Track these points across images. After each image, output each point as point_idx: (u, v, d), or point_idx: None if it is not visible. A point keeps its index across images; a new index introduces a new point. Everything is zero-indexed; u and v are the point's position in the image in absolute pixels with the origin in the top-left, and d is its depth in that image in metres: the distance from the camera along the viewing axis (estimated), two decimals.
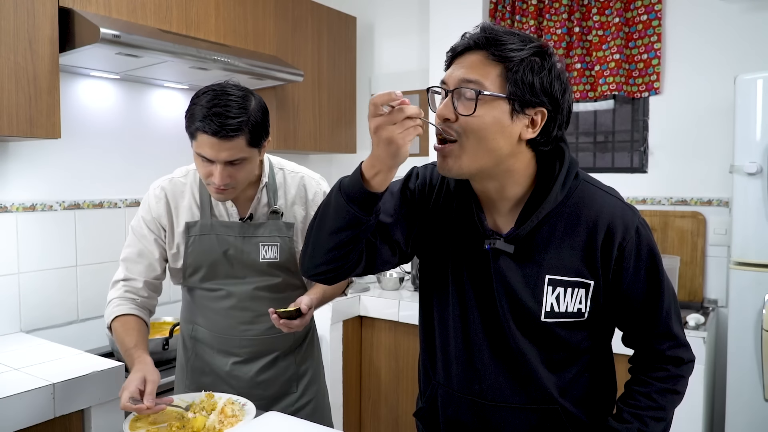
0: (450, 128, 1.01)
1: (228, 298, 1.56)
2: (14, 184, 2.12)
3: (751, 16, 2.52)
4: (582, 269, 1.04)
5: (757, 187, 2.07)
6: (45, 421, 1.57)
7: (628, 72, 2.77)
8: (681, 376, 1.12)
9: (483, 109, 0.98)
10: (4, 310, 2.09)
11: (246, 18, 2.58)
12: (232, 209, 1.55)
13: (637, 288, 1.07)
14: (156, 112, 2.58)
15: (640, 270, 1.06)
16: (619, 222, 1.04)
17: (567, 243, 1.05)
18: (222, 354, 1.59)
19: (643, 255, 1.06)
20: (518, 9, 2.98)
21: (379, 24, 3.50)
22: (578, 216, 1.05)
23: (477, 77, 0.99)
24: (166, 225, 1.56)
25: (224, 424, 1.29)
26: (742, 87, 2.09)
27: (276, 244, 1.56)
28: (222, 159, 1.37)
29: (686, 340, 1.13)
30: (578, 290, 1.04)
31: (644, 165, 2.80)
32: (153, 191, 1.58)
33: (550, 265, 1.05)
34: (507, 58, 0.98)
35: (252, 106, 1.39)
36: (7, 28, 1.77)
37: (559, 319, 1.05)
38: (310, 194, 1.62)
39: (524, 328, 1.07)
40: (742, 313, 2.10)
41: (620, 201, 1.09)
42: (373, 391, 2.94)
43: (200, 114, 1.35)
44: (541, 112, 1.02)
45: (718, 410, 2.52)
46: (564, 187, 1.05)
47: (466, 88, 0.99)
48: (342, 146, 3.27)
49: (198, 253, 1.54)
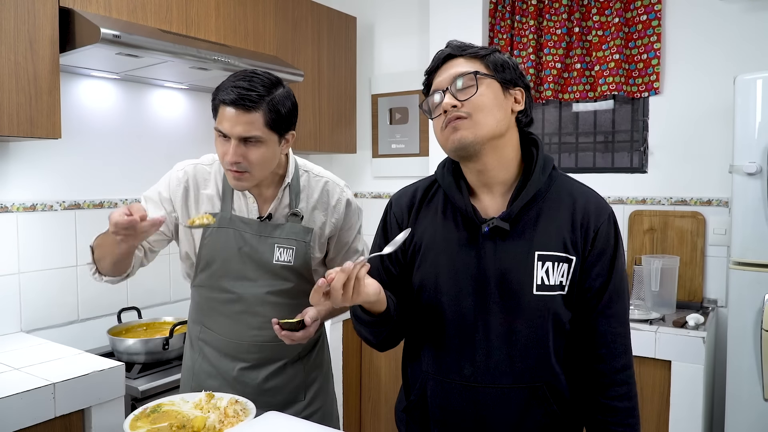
0: (459, 112, 1.14)
1: (238, 302, 1.53)
2: (14, 184, 2.13)
3: (751, 16, 2.52)
4: (567, 245, 1.16)
5: (756, 187, 2.07)
6: (45, 421, 1.57)
7: (628, 72, 2.77)
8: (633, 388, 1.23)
9: (482, 88, 1.15)
10: (5, 310, 2.10)
11: (246, 18, 2.58)
12: (253, 205, 1.52)
13: (599, 270, 1.18)
14: (156, 112, 2.58)
15: (606, 253, 1.18)
16: (596, 206, 1.19)
17: (552, 222, 1.17)
18: (229, 358, 1.56)
19: (609, 243, 1.19)
20: (518, 9, 2.98)
21: (379, 24, 3.50)
22: (560, 200, 1.19)
23: (468, 68, 1.16)
24: (179, 209, 1.53)
25: (224, 424, 1.29)
26: (742, 87, 2.09)
27: (292, 248, 1.52)
28: (237, 133, 1.35)
29: (630, 345, 1.22)
30: (562, 265, 1.16)
31: (644, 165, 2.81)
32: (175, 173, 1.55)
33: (539, 242, 1.16)
34: (481, 56, 1.18)
35: (278, 91, 1.40)
36: (7, 29, 1.77)
37: (549, 292, 1.15)
38: (333, 201, 1.57)
39: (516, 306, 1.16)
40: (741, 313, 2.10)
41: (593, 190, 1.24)
42: (373, 391, 2.94)
43: (224, 86, 1.37)
44: (520, 91, 1.20)
45: (718, 410, 2.52)
46: (544, 171, 1.19)
47: (464, 76, 1.15)
48: (342, 146, 3.27)
49: (213, 246, 1.51)
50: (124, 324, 2.26)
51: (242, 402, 1.38)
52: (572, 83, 2.91)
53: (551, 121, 3.07)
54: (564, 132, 3.05)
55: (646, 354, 2.23)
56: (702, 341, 2.14)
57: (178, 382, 2.01)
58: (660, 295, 2.47)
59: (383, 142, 3.50)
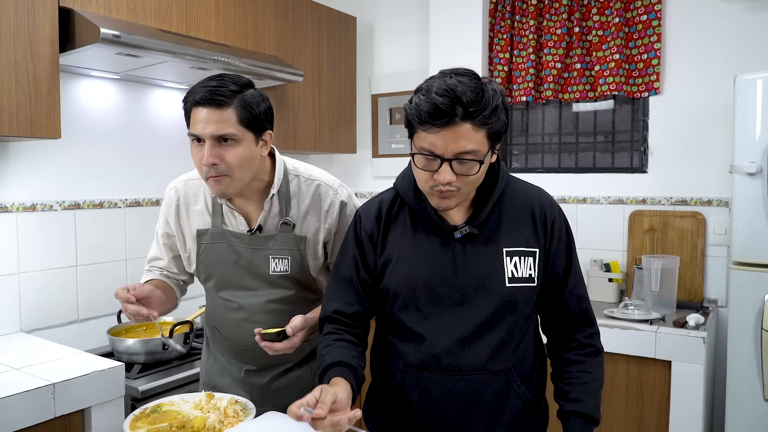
0: (454, 185, 1.17)
1: (240, 311, 1.52)
2: (14, 184, 2.13)
3: (751, 16, 2.52)
4: (529, 240, 1.28)
5: (756, 187, 2.07)
6: (45, 421, 1.57)
7: (628, 72, 2.77)
8: (599, 352, 1.35)
9: (484, 166, 1.19)
10: (4, 310, 2.10)
11: (246, 18, 2.58)
12: (241, 218, 1.48)
13: (560, 257, 1.31)
14: (156, 112, 2.58)
15: (562, 242, 1.31)
16: (547, 202, 1.33)
17: (514, 221, 1.29)
18: (237, 360, 1.58)
19: (564, 232, 1.32)
20: (518, 9, 2.98)
21: (379, 24, 3.50)
22: (516, 200, 1.31)
23: (473, 147, 1.14)
24: (176, 230, 1.55)
25: (224, 424, 1.29)
26: (742, 87, 2.09)
27: (287, 257, 1.47)
28: (210, 132, 1.31)
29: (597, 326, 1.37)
30: (528, 258, 1.27)
31: (644, 165, 2.81)
32: (167, 194, 1.57)
33: (505, 241, 1.27)
34: (488, 123, 1.15)
35: (249, 90, 1.36)
36: (7, 29, 1.77)
37: (519, 284, 1.26)
38: (325, 205, 1.50)
39: (490, 299, 1.25)
40: (741, 313, 2.10)
41: (539, 188, 1.36)
42: None
43: (193, 90, 1.35)
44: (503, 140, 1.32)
45: (718, 410, 2.52)
46: (503, 179, 1.30)
47: (464, 161, 1.15)
48: (342, 146, 3.27)
49: (209, 261, 1.52)
50: (124, 324, 2.26)
51: (242, 402, 1.38)
52: (572, 83, 2.91)
53: (551, 121, 3.07)
54: (564, 132, 3.05)
55: (646, 354, 2.23)
56: (702, 341, 2.14)
57: (178, 382, 2.03)
58: (660, 295, 2.47)
59: (383, 142, 3.50)
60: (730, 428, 2.15)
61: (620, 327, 2.27)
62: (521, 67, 2.99)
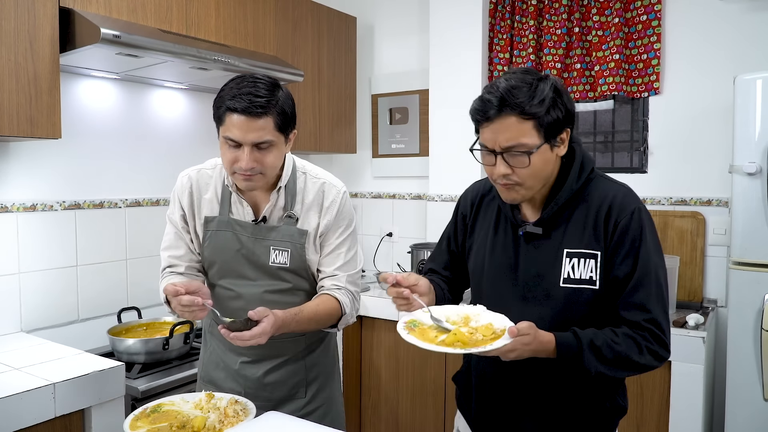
0: (510, 179, 1.24)
1: (238, 300, 1.57)
2: (14, 184, 2.13)
3: (751, 16, 2.52)
4: (591, 242, 1.27)
5: (756, 187, 2.07)
6: (45, 421, 1.57)
7: (627, 72, 2.77)
8: (651, 343, 1.23)
9: (535, 158, 1.22)
10: (5, 310, 2.10)
11: (246, 18, 2.58)
12: (247, 209, 1.54)
13: (621, 258, 1.25)
14: (156, 112, 2.58)
15: (625, 244, 1.25)
16: (619, 203, 1.28)
17: (580, 223, 1.29)
18: (232, 352, 1.60)
19: (632, 232, 1.26)
20: (518, 9, 2.98)
21: (379, 24, 3.50)
22: (591, 201, 1.30)
23: (519, 140, 1.20)
24: (188, 214, 1.58)
25: (224, 424, 1.29)
26: (742, 87, 2.09)
27: (287, 250, 1.53)
28: (250, 140, 1.38)
29: (667, 332, 1.25)
30: (589, 260, 1.27)
31: (644, 165, 2.81)
32: (180, 180, 1.60)
33: (567, 242, 1.29)
34: (534, 114, 1.19)
35: (280, 93, 1.42)
36: (7, 29, 1.78)
37: (574, 285, 1.26)
38: (327, 202, 1.56)
39: (545, 297, 1.29)
40: (741, 313, 2.10)
41: (625, 189, 1.33)
42: (373, 391, 2.94)
43: (230, 94, 1.39)
44: (567, 131, 1.27)
45: (718, 410, 2.52)
46: (579, 179, 1.30)
47: (514, 155, 1.21)
48: (342, 146, 3.27)
49: (214, 248, 1.56)
50: (124, 324, 2.26)
51: (242, 402, 1.38)
52: (572, 83, 2.91)
53: None
54: None
55: None
56: (702, 341, 2.14)
57: (178, 382, 2.03)
58: None
59: (383, 142, 3.50)
60: (730, 428, 2.15)
61: None
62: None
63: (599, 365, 1.21)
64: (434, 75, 3.14)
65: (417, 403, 2.80)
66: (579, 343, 1.20)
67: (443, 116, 3.11)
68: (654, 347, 1.23)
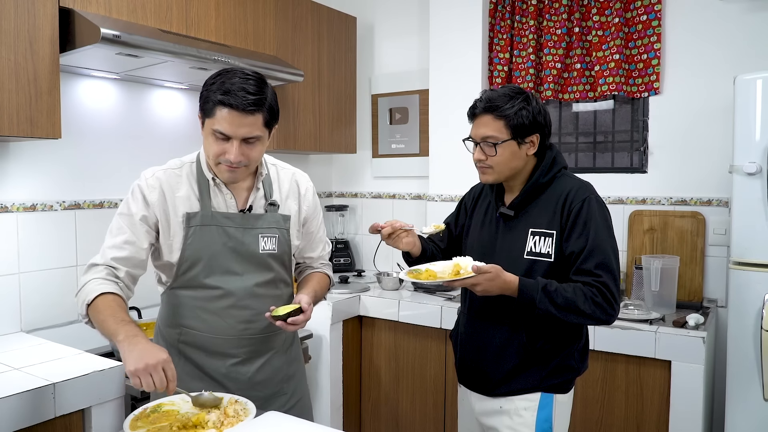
0: (484, 163, 1.63)
1: (226, 297, 1.54)
2: (14, 184, 2.13)
3: (751, 16, 2.52)
4: (550, 224, 1.60)
5: (756, 187, 2.07)
6: (45, 421, 1.57)
7: (627, 72, 2.77)
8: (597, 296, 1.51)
9: (501, 149, 1.60)
10: (5, 310, 2.10)
11: (246, 18, 2.58)
12: (231, 201, 1.56)
13: (574, 236, 1.56)
14: (156, 112, 2.58)
15: (578, 225, 1.56)
16: (573, 194, 1.59)
17: (544, 209, 1.63)
18: (218, 356, 1.57)
19: (582, 216, 1.56)
20: (518, 9, 2.98)
21: (379, 24, 3.50)
22: (553, 192, 1.63)
23: (491, 133, 1.60)
24: (160, 215, 1.52)
25: (224, 424, 1.29)
26: (742, 87, 2.09)
27: (275, 236, 1.59)
28: (240, 135, 1.42)
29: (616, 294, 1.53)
30: (548, 238, 1.60)
31: (644, 165, 2.81)
32: (146, 180, 1.54)
33: (532, 223, 1.63)
34: (505, 116, 1.58)
35: (268, 90, 1.47)
36: (7, 29, 1.77)
37: (535, 257, 1.60)
38: (302, 189, 1.69)
39: (513, 266, 1.58)
40: (741, 313, 2.10)
41: (581, 183, 1.63)
42: (373, 391, 2.94)
43: (221, 89, 1.40)
44: (536, 136, 1.62)
45: (718, 410, 2.52)
46: (546, 176, 1.64)
47: (487, 142, 1.61)
48: (342, 146, 3.27)
49: (198, 245, 1.52)
50: None
51: (242, 402, 1.38)
52: (572, 83, 2.91)
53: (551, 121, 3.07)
54: (564, 132, 3.05)
55: (646, 354, 2.23)
56: (702, 341, 2.14)
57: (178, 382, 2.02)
58: (660, 295, 2.47)
59: (383, 142, 3.50)
60: (730, 428, 2.15)
61: (620, 327, 2.27)
62: (521, 67, 2.99)
63: (550, 306, 1.50)
64: (434, 75, 3.14)
65: (417, 403, 2.80)
66: (536, 284, 1.51)
67: (443, 116, 3.11)
68: (599, 300, 1.50)
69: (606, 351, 2.31)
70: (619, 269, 1.58)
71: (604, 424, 2.34)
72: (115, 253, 1.49)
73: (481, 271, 1.48)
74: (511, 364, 1.63)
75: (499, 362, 1.65)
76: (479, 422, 1.75)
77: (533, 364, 1.62)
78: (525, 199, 1.64)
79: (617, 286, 1.54)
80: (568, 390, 1.67)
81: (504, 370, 1.64)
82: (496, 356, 1.65)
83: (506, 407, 1.65)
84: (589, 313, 1.50)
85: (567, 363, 1.64)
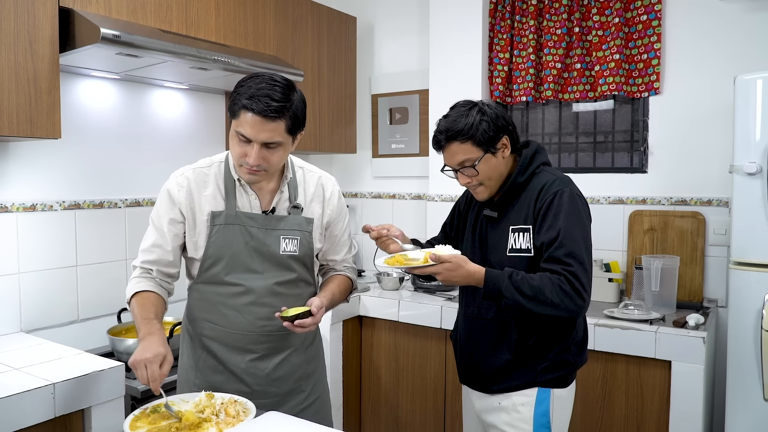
0: (472, 184, 1.66)
1: (246, 294, 1.58)
2: (14, 184, 2.13)
3: (751, 16, 2.52)
4: (526, 219, 1.63)
5: (756, 187, 2.07)
6: (45, 421, 1.57)
7: (628, 72, 2.77)
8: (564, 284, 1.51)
9: (480, 167, 1.63)
10: (5, 310, 2.10)
11: (246, 18, 2.58)
12: (255, 201, 1.59)
13: (544, 228, 1.58)
14: (156, 112, 2.58)
15: (548, 218, 1.58)
16: (546, 188, 1.62)
17: (521, 205, 1.66)
18: (238, 351, 1.60)
19: (553, 209, 1.58)
20: (518, 9, 2.98)
21: (379, 24, 3.50)
22: (530, 189, 1.66)
23: (465, 156, 1.62)
24: (187, 213, 1.58)
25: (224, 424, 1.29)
26: (742, 87, 2.09)
27: (296, 238, 1.61)
28: (260, 139, 1.44)
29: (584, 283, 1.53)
30: (525, 234, 1.63)
31: (644, 165, 2.81)
32: (175, 179, 1.60)
33: (512, 221, 1.66)
34: (470, 137, 1.60)
35: (295, 97, 1.48)
36: (7, 29, 1.77)
37: (516, 253, 1.64)
38: (327, 193, 1.70)
39: (498, 263, 1.64)
40: (741, 313, 2.10)
41: (556, 177, 1.65)
42: (373, 391, 2.94)
43: (247, 93, 1.43)
44: (505, 138, 1.65)
45: (718, 410, 2.52)
46: (524, 174, 1.67)
47: (465, 168, 1.63)
48: (342, 146, 3.27)
49: (221, 243, 1.57)
50: (124, 324, 2.26)
51: (242, 402, 1.39)
52: (572, 83, 2.91)
53: (551, 121, 3.07)
54: (564, 132, 3.05)
55: (646, 354, 2.23)
56: (702, 341, 2.14)
57: None
58: (660, 295, 2.47)
59: (383, 142, 3.50)
60: (730, 428, 2.15)
61: (620, 327, 2.27)
62: (521, 67, 2.99)
63: (517, 295, 1.51)
64: (434, 75, 3.14)
65: (417, 403, 2.80)
66: (503, 274, 1.54)
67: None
68: (567, 288, 1.50)
69: (606, 351, 2.31)
70: (591, 261, 1.58)
71: (604, 424, 2.34)
72: (145, 257, 1.61)
73: (440, 260, 1.52)
74: (504, 361, 1.66)
75: (494, 359, 1.68)
76: (480, 420, 1.77)
77: (527, 360, 1.65)
78: (505, 200, 1.68)
79: (588, 276, 1.54)
80: (567, 384, 1.68)
81: (499, 367, 1.67)
82: (490, 353, 1.69)
83: (504, 404, 1.67)
84: (557, 302, 1.50)
85: (562, 357, 1.66)
